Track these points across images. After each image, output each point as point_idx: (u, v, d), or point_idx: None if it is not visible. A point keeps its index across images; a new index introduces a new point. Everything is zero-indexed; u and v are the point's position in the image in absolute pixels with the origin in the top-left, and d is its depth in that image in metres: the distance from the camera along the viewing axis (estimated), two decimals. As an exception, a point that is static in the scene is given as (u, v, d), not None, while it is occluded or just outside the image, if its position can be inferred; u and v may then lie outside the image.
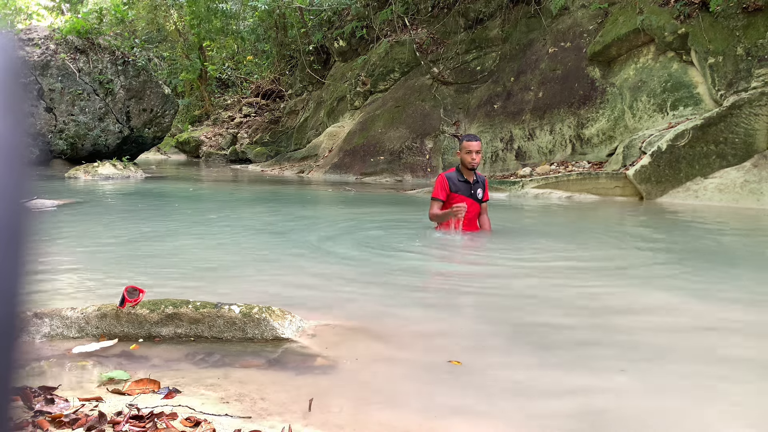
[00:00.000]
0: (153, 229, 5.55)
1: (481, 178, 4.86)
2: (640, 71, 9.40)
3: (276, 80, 21.74)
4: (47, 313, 2.40)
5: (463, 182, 4.73)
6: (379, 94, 13.67)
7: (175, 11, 23.19)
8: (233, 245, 4.71)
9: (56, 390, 1.77)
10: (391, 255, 4.34)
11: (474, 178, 4.76)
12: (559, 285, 3.44)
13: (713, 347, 2.38)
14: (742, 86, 7.88)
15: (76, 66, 13.97)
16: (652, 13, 9.12)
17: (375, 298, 3.10)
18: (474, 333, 2.57)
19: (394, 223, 6.16)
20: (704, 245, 4.93)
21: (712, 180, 7.62)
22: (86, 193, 9.03)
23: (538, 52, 11.09)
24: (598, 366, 2.16)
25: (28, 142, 0.41)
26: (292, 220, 6.41)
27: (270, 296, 2.99)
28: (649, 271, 3.90)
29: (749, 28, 8.05)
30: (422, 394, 1.90)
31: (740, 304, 3.04)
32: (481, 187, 4.82)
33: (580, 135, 9.92)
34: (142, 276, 3.52)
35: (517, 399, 1.87)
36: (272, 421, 1.64)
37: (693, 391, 1.93)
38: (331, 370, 2.08)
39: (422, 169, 11.56)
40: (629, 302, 3.10)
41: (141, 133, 15.26)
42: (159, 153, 23.26)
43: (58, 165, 13.74)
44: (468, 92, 12.08)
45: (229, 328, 2.37)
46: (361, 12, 14.87)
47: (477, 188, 4.77)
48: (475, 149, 4.63)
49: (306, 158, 14.68)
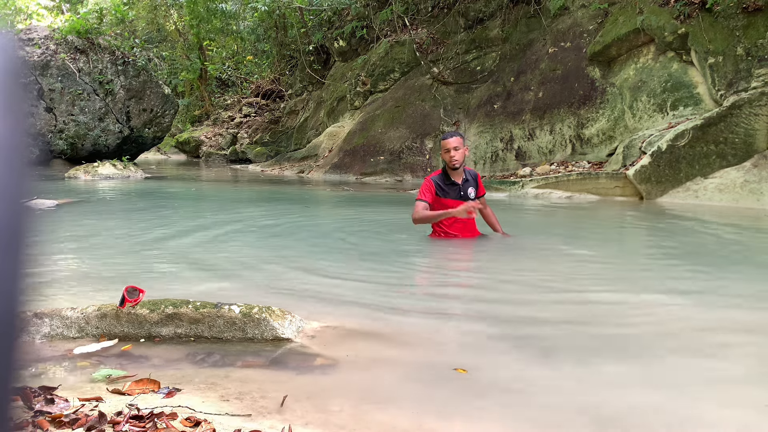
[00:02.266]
0: (153, 228, 5.54)
1: (471, 174, 4.51)
2: (640, 71, 9.40)
3: (276, 80, 21.74)
4: (47, 313, 2.40)
5: (450, 185, 4.39)
6: (379, 94, 13.66)
7: (175, 11, 23.19)
8: (233, 245, 4.70)
9: (56, 390, 1.77)
10: (391, 255, 4.34)
11: (463, 177, 4.41)
12: (560, 286, 3.44)
13: (714, 348, 2.38)
14: (742, 86, 7.88)
15: (76, 66, 13.97)
16: (652, 13, 9.12)
17: (375, 298, 3.10)
18: (473, 333, 2.57)
19: (394, 223, 6.16)
20: (704, 245, 4.93)
21: (712, 180, 7.62)
22: (86, 193, 9.03)
23: (538, 52, 11.09)
24: (598, 365, 2.15)
25: (28, 142, 0.41)
26: (292, 220, 6.41)
27: (270, 296, 2.99)
28: (650, 273, 3.90)
29: (749, 28, 8.05)
30: (422, 394, 1.90)
31: (741, 304, 3.04)
32: (473, 184, 4.46)
33: (580, 135, 9.91)
34: (142, 276, 3.52)
35: (517, 399, 1.87)
36: (272, 420, 1.64)
37: (695, 392, 1.93)
38: (331, 370, 2.08)
39: (422, 169, 11.56)
40: (630, 304, 3.09)
41: (141, 133, 15.26)
42: (159, 153, 23.26)
43: (58, 165, 13.74)
44: (468, 92, 12.08)
45: (229, 328, 2.37)
46: (361, 12, 14.87)
47: (467, 187, 4.41)
48: (453, 146, 4.26)
49: (306, 158, 14.68)
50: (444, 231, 4.48)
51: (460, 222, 4.39)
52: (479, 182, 4.59)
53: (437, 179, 4.42)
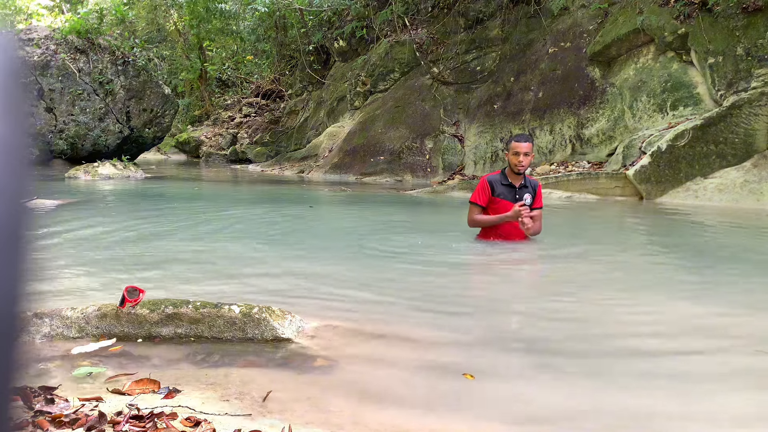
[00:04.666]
0: (153, 228, 5.54)
1: (532, 183, 4.39)
2: (640, 71, 9.40)
3: (276, 80, 21.73)
4: (47, 313, 2.40)
5: (507, 186, 4.29)
6: (379, 94, 13.66)
7: (175, 11, 23.19)
8: (233, 245, 4.70)
9: (56, 390, 1.77)
10: (391, 256, 4.34)
11: (521, 182, 4.30)
12: (560, 287, 3.44)
13: (714, 348, 2.37)
14: (742, 86, 7.88)
15: (76, 66, 13.97)
16: (652, 13, 9.12)
17: (375, 299, 3.10)
18: (473, 334, 2.57)
19: (395, 223, 6.16)
20: (704, 245, 4.93)
21: (712, 180, 7.62)
22: (86, 193, 9.03)
23: (538, 52, 11.09)
24: (598, 365, 2.16)
25: (28, 142, 0.41)
26: (291, 220, 6.41)
27: (270, 296, 2.99)
28: (651, 274, 3.90)
29: (749, 28, 8.05)
30: (422, 394, 1.90)
31: (741, 304, 3.04)
32: (531, 192, 4.30)
33: (580, 135, 9.92)
34: (142, 276, 3.52)
35: (517, 399, 1.87)
36: (272, 420, 1.64)
37: (697, 394, 1.93)
38: (331, 370, 2.08)
39: (422, 169, 11.56)
40: (631, 305, 3.09)
41: (141, 133, 15.26)
42: (159, 153, 23.25)
43: (58, 165, 13.74)
44: (468, 92, 12.07)
45: (229, 328, 2.37)
46: (361, 12, 14.87)
47: (524, 193, 4.26)
48: (524, 151, 4.15)
49: (306, 158, 14.67)
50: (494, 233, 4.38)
51: (508, 225, 4.30)
52: (538, 193, 4.42)
53: (494, 179, 4.35)
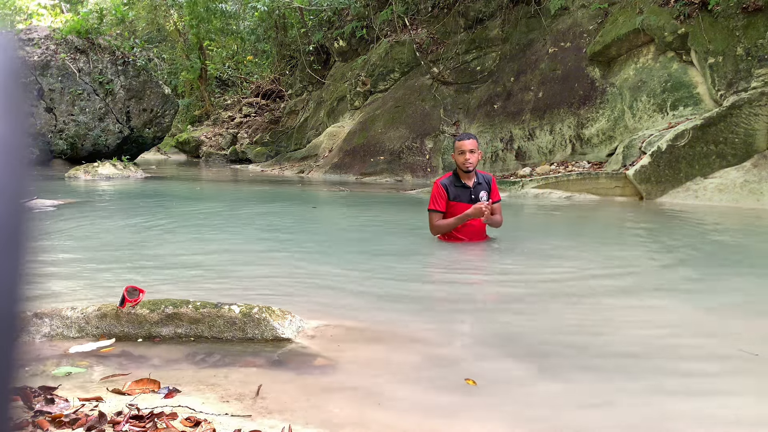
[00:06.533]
0: (153, 228, 5.54)
1: (485, 179, 4.38)
2: (640, 71, 9.40)
3: (276, 80, 21.73)
4: (47, 313, 2.40)
5: (461, 187, 4.28)
6: (379, 94, 13.66)
7: (175, 11, 23.20)
8: (233, 245, 4.70)
9: (56, 390, 1.77)
10: (391, 256, 4.34)
11: (474, 180, 4.29)
12: (560, 287, 3.44)
13: (714, 348, 2.38)
14: (742, 86, 7.88)
15: (76, 66, 13.97)
16: (652, 13, 9.12)
17: (375, 299, 3.10)
18: (473, 334, 2.57)
19: (395, 223, 6.16)
20: (704, 245, 4.93)
21: (712, 180, 7.62)
22: (86, 193, 9.03)
23: (538, 52, 11.09)
24: (598, 366, 2.16)
25: (28, 142, 0.41)
26: (291, 220, 6.41)
27: (270, 296, 2.99)
28: (652, 274, 3.90)
29: (749, 28, 8.05)
30: (422, 394, 1.90)
31: (742, 304, 3.04)
32: (486, 188, 4.32)
33: (580, 135, 9.91)
34: (142, 276, 3.52)
35: (517, 399, 1.87)
36: (272, 420, 1.64)
37: (698, 394, 1.93)
38: (331, 370, 2.08)
39: (422, 169, 11.56)
40: (631, 305, 3.09)
41: (141, 133, 15.25)
42: (159, 153, 23.26)
43: (58, 165, 13.75)
44: (468, 92, 12.07)
45: (229, 328, 2.37)
46: (361, 12, 14.87)
47: (479, 191, 4.27)
48: (469, 148, 4.14)
49: (306, 158, 14.68)
50: (453, 234, 4.39)
51: (469, 226, 4.29)
52: (493, 187, 4.42)
53: (447, 182, 4.31)
